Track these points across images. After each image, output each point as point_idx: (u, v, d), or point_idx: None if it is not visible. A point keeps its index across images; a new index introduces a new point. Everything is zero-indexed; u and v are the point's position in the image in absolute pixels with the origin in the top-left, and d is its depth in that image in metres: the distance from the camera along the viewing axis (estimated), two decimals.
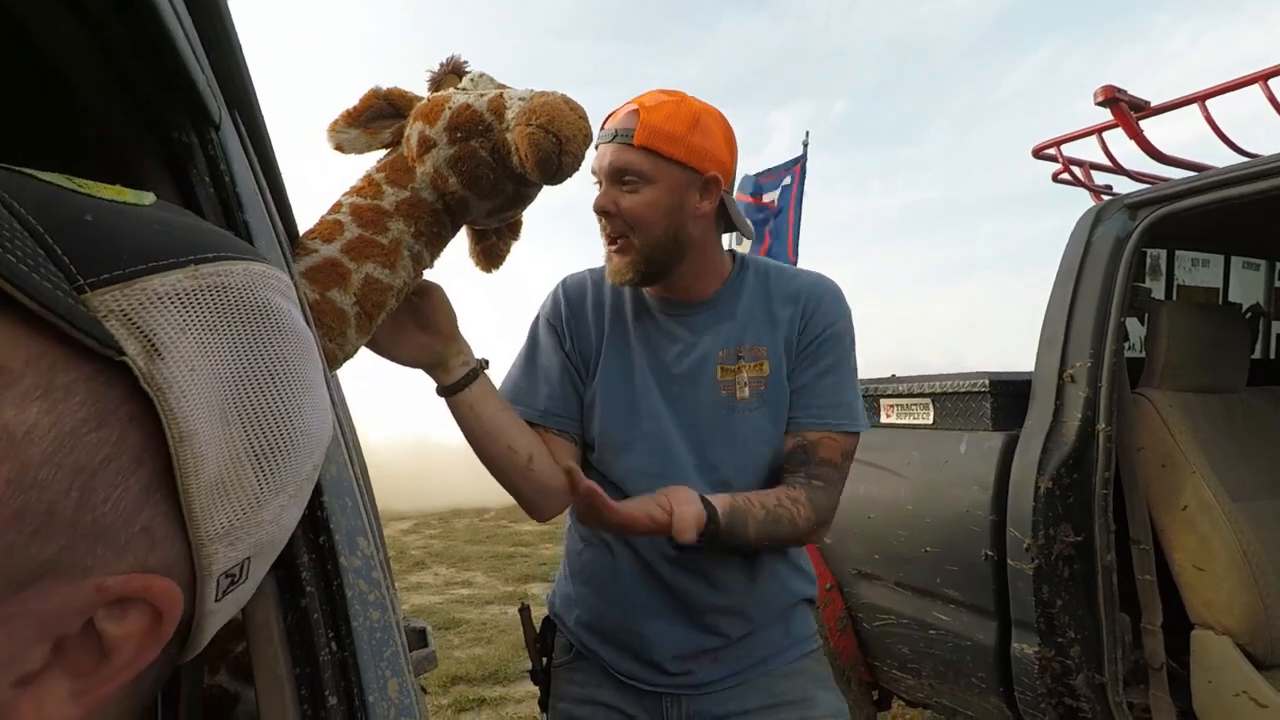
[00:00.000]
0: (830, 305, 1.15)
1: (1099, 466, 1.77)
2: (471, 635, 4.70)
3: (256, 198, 0.57)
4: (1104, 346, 1.82)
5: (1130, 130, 1.91)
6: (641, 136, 1.05)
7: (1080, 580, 1.78)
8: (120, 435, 0.27)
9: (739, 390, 1.11)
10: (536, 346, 1.21)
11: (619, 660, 1.16)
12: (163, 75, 0.45)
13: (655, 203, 1.06)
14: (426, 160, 0.98)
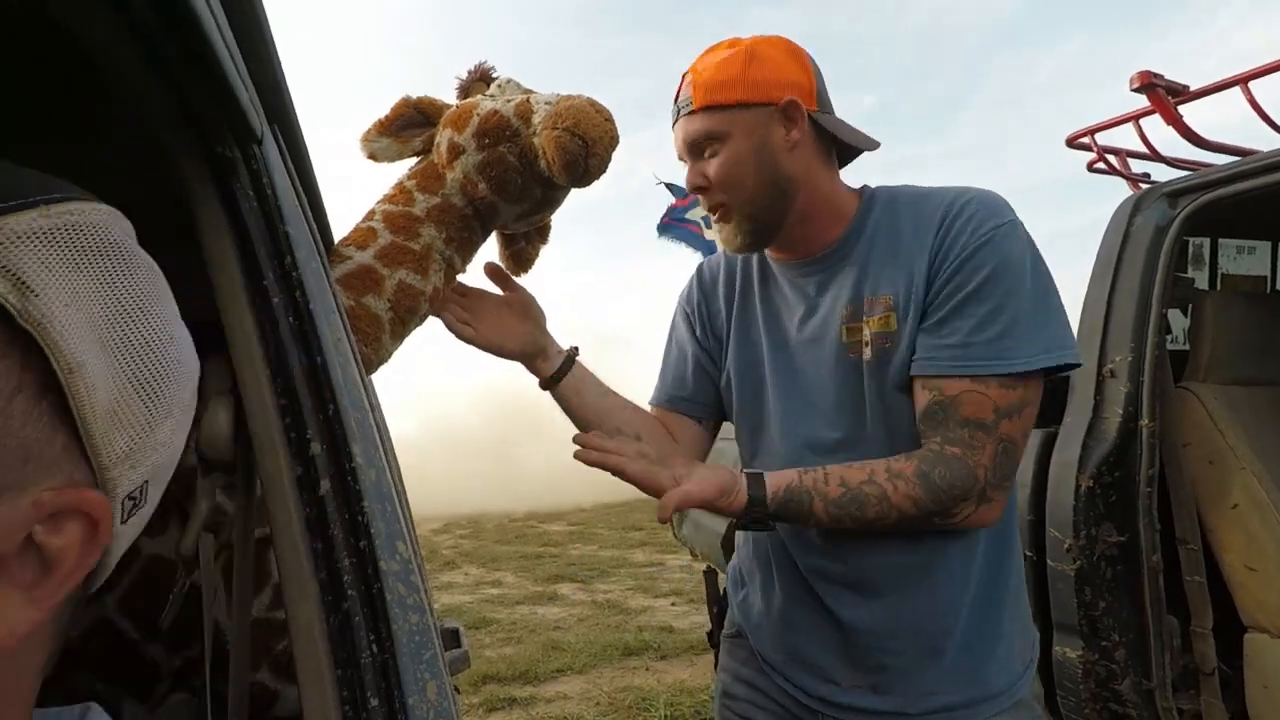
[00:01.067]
0: (975, 214, 0.91)
1: (1142, 464, 1.72)
2: (502, 635, 4.74)
3: (297, 209, 0.59)
4: (1145, 339, 1.77)
5: (1168, 116, 1.86)
6: (699, 98, 0.98)
7: (1124, 581, 1.73)
8: (21, 367, 0.29)
9: (864, 351, 0.95)
10: (670, 333, 1.22)
11: (773, 653, 1.08)
12: (209, 93, 0.46)
13: (737, 156, 0.98)
14: (456, 166, 1.00)
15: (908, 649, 0.97)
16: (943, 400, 0.90)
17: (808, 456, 1.01)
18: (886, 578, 0.98)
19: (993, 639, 0.98)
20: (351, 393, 0.54)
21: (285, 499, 0.49)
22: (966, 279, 0.89)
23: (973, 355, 0.88)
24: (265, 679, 0.86)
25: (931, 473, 0.88)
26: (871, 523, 0.90)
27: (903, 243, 0.96)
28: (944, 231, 0.92)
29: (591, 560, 7.20)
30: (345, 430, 0.51)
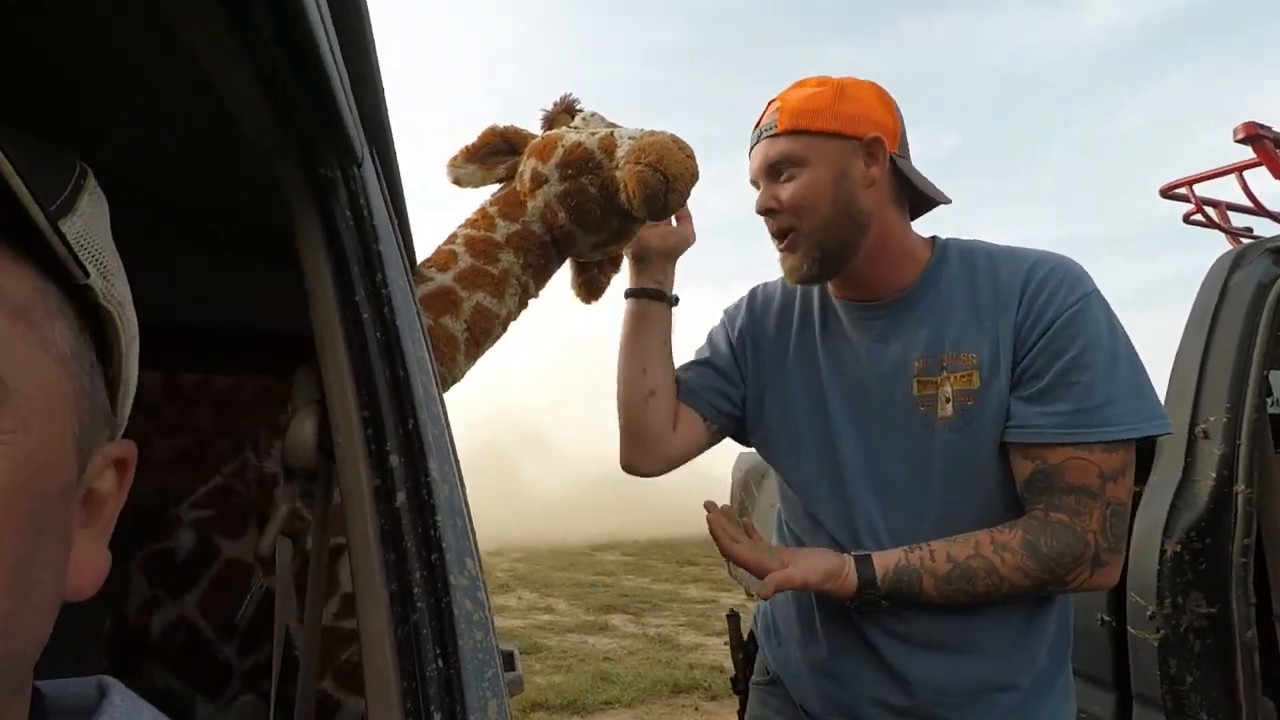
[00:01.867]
0: (1062, 284, 0.91)
1: (1237, 531, 1.61)
2: (552, 662, 4.72)
3: (389, 229, 0.61)
4: (1243, 400, 1.67)
5: (1276, 169, 1.77)
6: (786, 122, 0.98)
7: (1214, 656, 1.62)
8: (87, 344, 0.32)
9: (940, 407, 0.94)
10: (706, 343, 1.22)
11: (816, 704, 1.05)
12: (318, 116, 0.49)
13: (815, 182, 0.97)
14: (538, 195, 1.03)
15: (969, 704, 0.95)
16: (1046, 468, 0.89)
17: (871, 500, 1.00)
18: (956, 634, 0.96)
19: (1047, 694, 0.97)
20: (431, 408, 0.56)
21: (363, 509, 0.50)
22: (1064, 347, 0.89)
23: (1078, 423, 0.87)
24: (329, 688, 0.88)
25: (1038, 542, 0.88)
26: (982, 597, 0.90)
27: (982, 301, 0.95)
28: (1030, 297, 0.92)
29: (644, 593, 7.13)
30: (424, 445, 0.52)
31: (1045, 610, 0.97)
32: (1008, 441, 0.92)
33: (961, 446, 0.94)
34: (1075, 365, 0.88)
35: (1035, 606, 0.96)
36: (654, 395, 1.11)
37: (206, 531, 0.99)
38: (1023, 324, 0.92)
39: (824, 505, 1.04)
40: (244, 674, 0.77)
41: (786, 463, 1.09)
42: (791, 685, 1.08)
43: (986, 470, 0.94)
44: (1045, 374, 0.89)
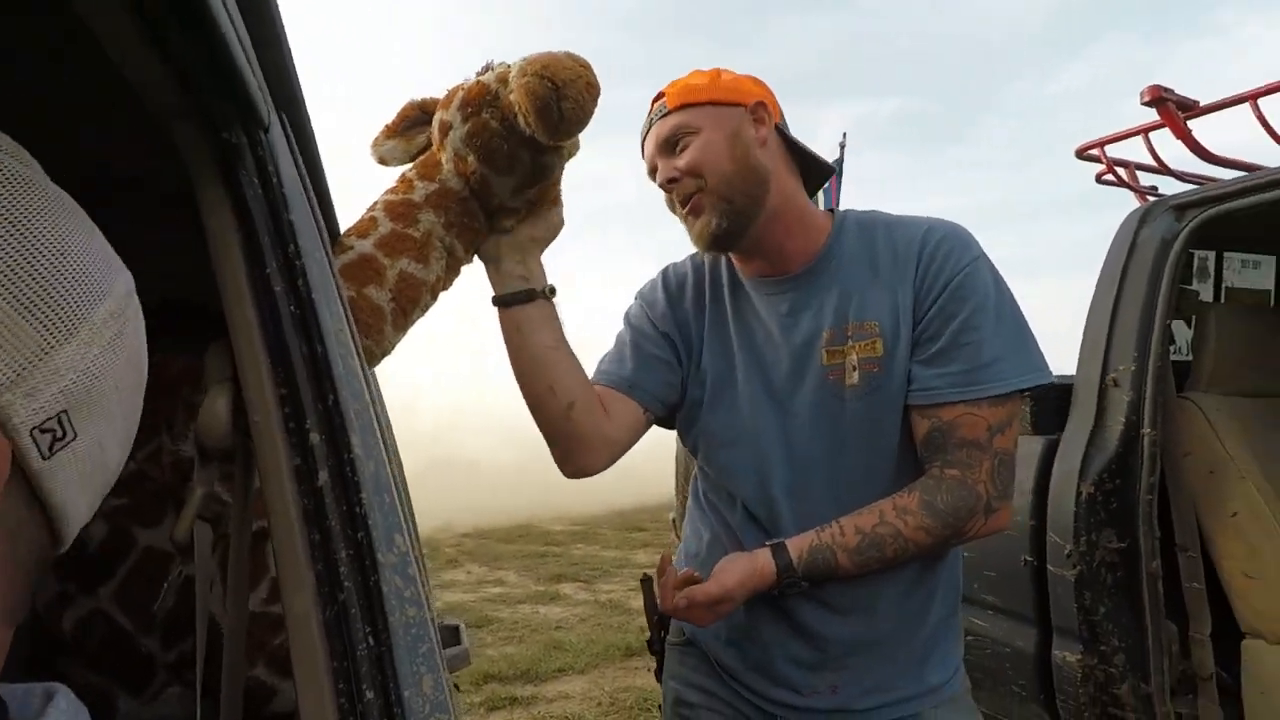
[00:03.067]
0: (952, 247, 0.97)
1: (1144, 472, 1.72)
2: (504, 634, 4.74)
3: (302, 197, 0.59)
4: (1149, 350, 1.77)
5: (1178, 130, 1.85)
6: (674, 100, 1.03)
7: (1124, 587, 1.73)
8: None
9: (848, 375, 0.98)
10: (626, 323, 1.17)
11: (732, 661, 1.09)
12: (217, 77, 0.46)
13: (711, 144, 1.00)
14: (447, 145, 0.99)
15: (872, 655, 1.02)
16: (941, 426, 0.95)
17: (786, 472, 1.03)
18: (862, 595, 1.01)
19: (942, 638, 1.05)
20: (352, 384, 0.54)
21: (283, 489, 0.48)
22: (955, 310, 0.95)
23: (969, 380, 0.94)
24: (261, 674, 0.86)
25: (935, 500, 0.94)
26: (893, 560, 0.95)
27: (882, 268, 1.00)
28: (925, 263, 0.97)
29: (594, 560, 7.20)
30: (345, 421, 0.51)
31: (934, 565, 1.03)
32: (909, 404, 0.97)
33: (870, 414, 0.98)
34: (966, 326, 0.94)
35: (924, 563, 1.02)
36: (572, 407, 1.01)
37: (120, 521, 0.94)
38: (920, 288, 0.97)
39: (741, 479, 1.06)
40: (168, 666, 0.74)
41: (704, 440, 1.11)
42: (708, 645, 1.12)
43: (894, 435, 0.98)
44: (940, 336, 0.95)
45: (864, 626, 1.01)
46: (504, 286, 0.98)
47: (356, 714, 0.44)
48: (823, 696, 1.03)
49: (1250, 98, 1.75)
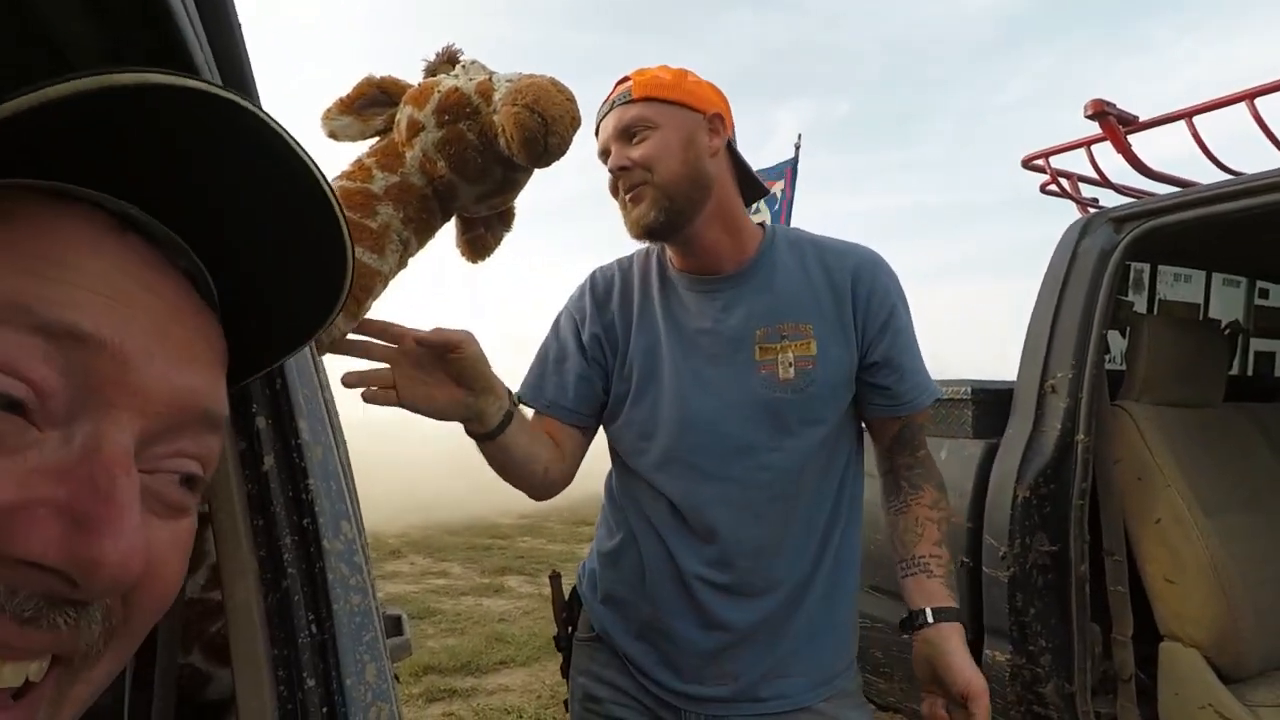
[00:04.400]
0: (887, 277, 1.11)
1: (1076, 477, 1.79)
2: (446, 625, 4.69)
3: None
4: (1085, 358, 1.84)
5: (1118, 144, 1.93)
6: (639, 90, 1.06)
7: (1054, 589, 1.80)
8: None
9: (781, 370, 1.06)
10: (554, 339, 1.19)
11: (640, 655, 1.12)
12: (159, 52, 0.44)
13: (667, 143, 1.04)
14: (415, 144, 0.98)
15: (769, 642, 1.08)
16: (911, 425, 1.13)
17: (715, 461, 1.07)
18: (765, 581, 1.07)
19: (832, 630, 1.12)
20: (301, 368, 0.53)
21: (226, 474, 0.47)
22: (896, 331, 1.09)
23: (917, 391, 1.10)
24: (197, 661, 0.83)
25: (936, 478, 1.14)
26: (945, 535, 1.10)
27: (814, 281, 1.09)
28: (866, 292, 1.08)
29: (540, 553, 7.17)
30: (293, 406, 0.50)
31: (836, 557, 1.11)
32: (882, 414, 1.12)
33: (800, 404, 1.06)
34: (906, 346, 1.09)
35: (825, 554, 1.10)
36: (547, 469, 1.10)
37: None
38: (866, 310, 1.08)
39: (665, 469, 1.09)
40: None
41: (627, 432, 1.13)
42: (617, 641, 1.14)
43: (817, 425, 1.07)
44: (890, 359, 1.08)
45: (766, 613, 1.07)
46: (489, 424, 0.98)
47: (296, 702, 0.43)
48: (725, 685, 1.07)
49: (1186, 115, 1.83)
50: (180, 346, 0.32)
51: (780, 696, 1.08)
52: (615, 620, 1.15)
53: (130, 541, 0.27)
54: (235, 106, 0.30)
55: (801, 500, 1.08)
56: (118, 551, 0.27)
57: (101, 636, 0.29)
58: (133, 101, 0.28)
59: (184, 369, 0.32)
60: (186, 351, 0.32)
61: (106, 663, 0.31)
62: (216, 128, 0.31)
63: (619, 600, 1.15)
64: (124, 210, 0.32)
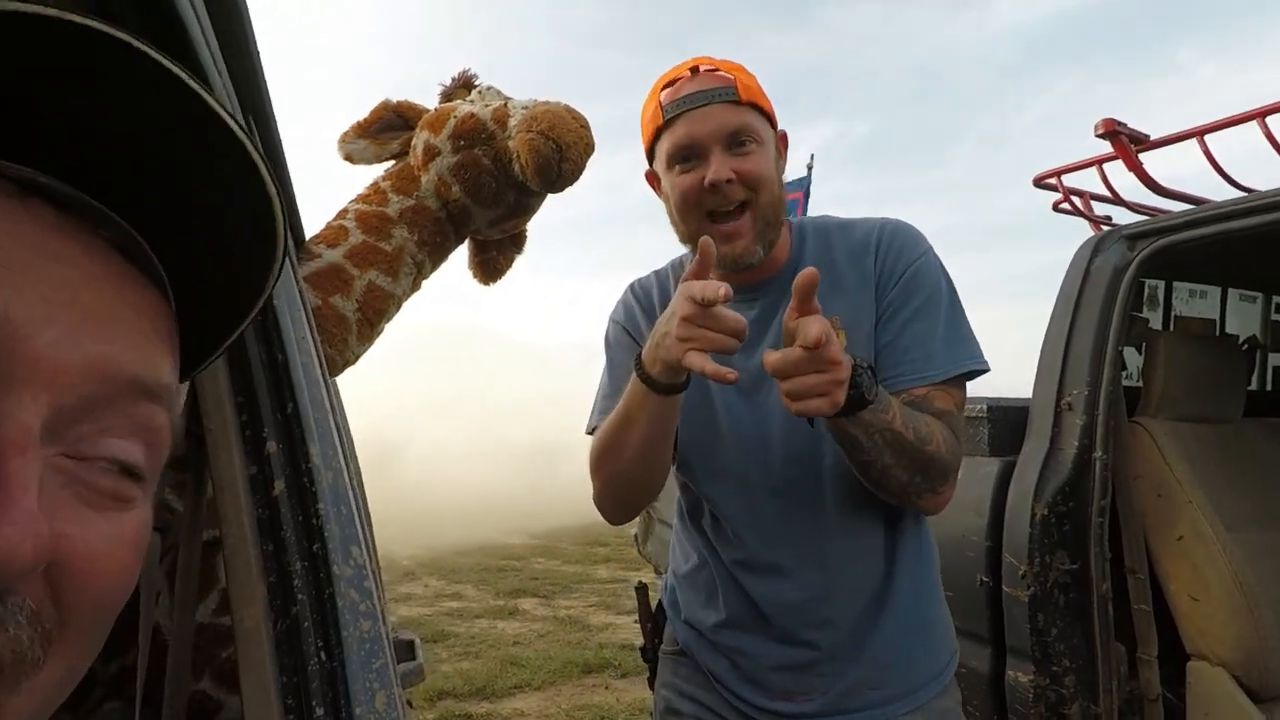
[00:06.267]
0: (904, 242, 1.02)
1: (1095, 494, 1.76)
2: (460, 649, 4.66)
3: None
4: (1102, 375, 1.82)
5: (1130, 163, 1.92)
6: (746, 93, 0.95)
7: (1076, 608, 1.77)
8: None
9: None
10: (614, 360, 1.13)
11: (724, 672, 1.09)
12: None
13: (769, 161, 0.97)
14: (430, 168, 0.99)
15: (853, 656, 1.03)
16: (913, 401, 0.96)
17: (771, 475, 1.03)
18: (842, 591, 1.02)
19: (919, 637, 1.05)
20: (313, 392, 0.53)
21: (237, 499, 0.47)
22: (910, 299, 0.99)
23: (927, 366, 0.97)
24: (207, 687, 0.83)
25: (947, 435, 0.95)
26: (922, 442, 0.91)
27: (840, 269, 1.02)
28: (882, 256, 1.01)
29: (554, 575, 7.14)
30: (304, 430, 0.50)
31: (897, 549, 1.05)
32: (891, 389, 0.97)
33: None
34: (919, 315, 0.98)
35: (890, 552, 1.04)
36: (660, 485, 1.05)
37: None
38: (879, 279, 1.00)
39: (721, 485, 1.06)
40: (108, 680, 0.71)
41: (681, 450, 1.08)
42: (700, 656, 1.12)
43: None
44: (899, 323, 0.98)
45: (846, 625, 1.02)
46: (678, 375, 0.89)
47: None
48: (811, 700, 1.03)
49: (1198, 134, 1.83)
50: (92, 313, 0.29)
51: (868, 708, 1.02)
52: (696, 637, 1.13)
53: (21, 527, 0.25)
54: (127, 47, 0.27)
55: (864, 501, 1.01)
56: (2, 537, 0.24)
57: (37, 641, 0.27)
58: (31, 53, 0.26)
59: (99, 336, 0.29)
60: (102, 318, 0.29)
61: (53, 670, 0.28)
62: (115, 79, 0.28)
63: (698, 619, 1.13)
64: (25, 176, 0.29)
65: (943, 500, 0.98)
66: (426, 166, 0.99)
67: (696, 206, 0.96)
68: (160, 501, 0.55)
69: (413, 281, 1.01)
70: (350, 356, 0.95)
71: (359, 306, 0.94)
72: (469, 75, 1.14)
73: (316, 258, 0.93)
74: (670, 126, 0.96)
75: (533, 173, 0.91)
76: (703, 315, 0.81)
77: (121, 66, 0.28)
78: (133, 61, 0.28)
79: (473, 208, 1.00)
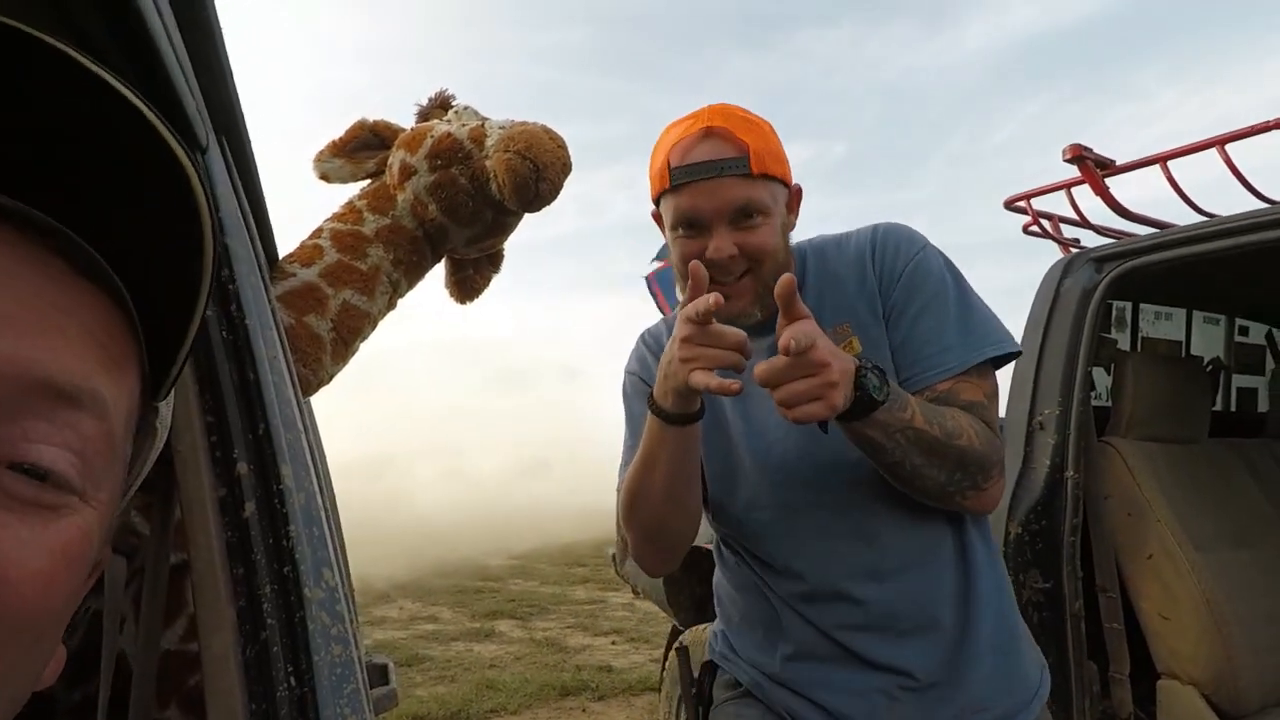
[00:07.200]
0: (900, 241, 1.00)
1: (1067, 513, 1.79)
2: (435, 672, 4.58)
3: (239, 222, 0.57)
4: (1072, 395, 1.85)
5: (1096, 187, 1.97)
6: (759, 165, 0.91)
7: (1049, 627, 1.78)
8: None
9: None
10: (633, 413, 1.09)
11: (800, 708, 1.01)
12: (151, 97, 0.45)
13: (774, 231, 0.94)
14: (407, 187, 0.99)
15: (947, 674, 0.95)
16: (938, 396, 0.93)
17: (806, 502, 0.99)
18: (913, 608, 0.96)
19: (1015, 644, 1.00)
20: (285, 412, 0.53)
21: (206, 521, 0.47)
22: (913, 297, 0.96)
23: (945, 359, 0.94)
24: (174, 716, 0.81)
25: (980, 429, 0.91)
26: (950, 437, 0.87)
27: (843, 281, 1.01)
28: (879, 259, 0.99)
29: (531, 596, 7.06)
30: (275, 451, 0.49)
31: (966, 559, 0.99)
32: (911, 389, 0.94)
33: None
34: (927, 309, 0.95)
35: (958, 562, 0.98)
36: (695, 530, 1.01)
37: None
38: (881, 285, 0.98)
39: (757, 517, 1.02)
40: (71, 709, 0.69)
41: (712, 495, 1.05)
42: (769, 694, 1.04)
43: None
44: (907, 322, 0.96)
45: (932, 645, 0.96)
46: (690, 403, 0.88)
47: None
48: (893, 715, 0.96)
49: (1161, 159, 1.88)
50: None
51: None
52: (763, 679, 1.04)
53: None
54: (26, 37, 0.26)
55: (909, 509, 0.96)
56: None
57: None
58: None
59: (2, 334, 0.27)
60: (10, 316, 0.28)
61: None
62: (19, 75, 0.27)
63: (761, 661, 1.05)
64: None
65: (991, 498, 0.94)
66: (403, 186, 1.00)
67: (690, 269, 0.94)
68: (126, 524, 0.54)
69: (389, 300, 1.01)
70: (325, 376, 0.94)
71: (334, 326, 0.93)
72: (446, 95, 1.15)
73: (291, 276, 0.92)
74: (675, 192, 0.93)
75: (510, 192, 0.92)
76: (702, 334, 0.80)
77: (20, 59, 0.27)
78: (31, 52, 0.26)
79: (450, 227, 1.00)
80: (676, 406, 0.87)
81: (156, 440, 0.37)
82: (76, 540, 0.29)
